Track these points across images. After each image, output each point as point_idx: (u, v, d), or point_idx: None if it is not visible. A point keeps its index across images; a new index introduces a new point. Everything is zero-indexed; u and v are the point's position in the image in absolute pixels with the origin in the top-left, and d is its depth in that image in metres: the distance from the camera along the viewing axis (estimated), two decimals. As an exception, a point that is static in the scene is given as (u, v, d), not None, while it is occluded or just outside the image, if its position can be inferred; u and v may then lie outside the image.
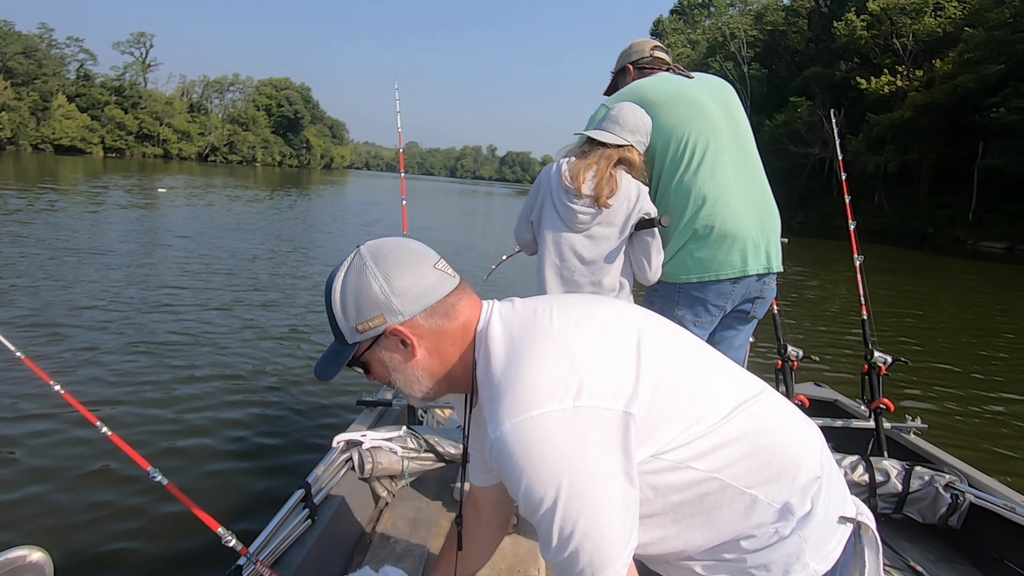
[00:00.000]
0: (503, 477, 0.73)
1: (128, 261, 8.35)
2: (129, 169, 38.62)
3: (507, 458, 0.71)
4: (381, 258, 0.81)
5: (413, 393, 0.87)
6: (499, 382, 0.76)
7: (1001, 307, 10.96)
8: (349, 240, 13.24)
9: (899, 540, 2.06)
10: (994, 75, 28.34)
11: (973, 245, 27.46)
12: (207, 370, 4.41)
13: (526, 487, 0.70)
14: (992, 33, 28.92)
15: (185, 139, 77.10)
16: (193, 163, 70.87)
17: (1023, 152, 27.21)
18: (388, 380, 0.86)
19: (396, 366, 0.84)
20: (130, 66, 78.42)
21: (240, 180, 37.29)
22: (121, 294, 6.43)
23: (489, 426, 0.73)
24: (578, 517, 0.69)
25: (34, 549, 0.73)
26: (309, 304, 6.77)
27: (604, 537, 0.70)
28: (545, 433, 0.70)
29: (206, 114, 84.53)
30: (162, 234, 11.49)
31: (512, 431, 0.71)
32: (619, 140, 1.76)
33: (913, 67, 34.87)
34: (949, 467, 2.17)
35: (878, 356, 2.39)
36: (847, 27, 37.33)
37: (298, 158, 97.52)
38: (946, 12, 33.94)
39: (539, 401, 0.71)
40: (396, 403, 2.52)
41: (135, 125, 70.24)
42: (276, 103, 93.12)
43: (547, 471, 0.70)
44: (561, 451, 0.70)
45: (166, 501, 2.68)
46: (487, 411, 0.75)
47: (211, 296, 6.77)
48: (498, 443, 0.72)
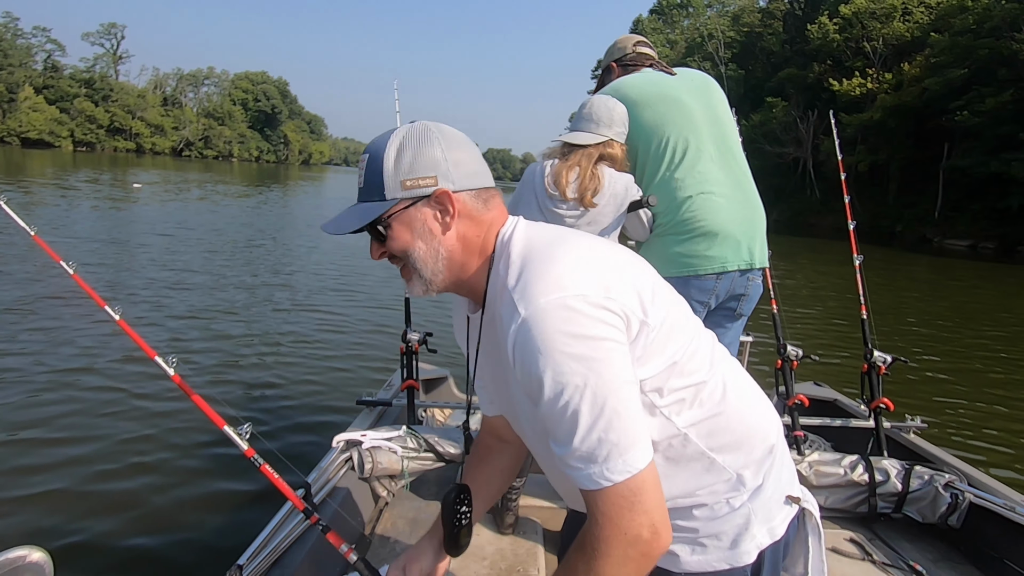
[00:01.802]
0: (524, 362, 0.71)
1: (101, 258, 8.27)
2: (100, 164, 37.64)
3: (538, 336, 0.69)
4: (443, 131, 0.82)
5: (424, 273, 0.82)
6: (531, 267, 0.75)
7: (982, 304, 11.23)
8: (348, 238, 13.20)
9: (899, 539, 2.05)
10: (959, 79, 29.40)
11: (939, 243, 28.42)
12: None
13: (555, 367, 0.69)
14: (957, 39, 29.98)
15: (159, 133, 75.33)
16: (167, 158, 69.25)
17: (986, 154, 28.30)
18: (404, 249, 0.82)
19: (425, 235, 0.81)
20: (100, 58, 76.26)
21: (220, 176, 36.65)
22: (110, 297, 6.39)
23: (520, 305, 0.72)
24: (607, 396, 0.69)
25: (34, 549, 0.71)
26: (308, 303, 6.82)
27: (632, 417, 0.71)
28: (581, 311, 0.70)
29: (180, 108, 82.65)
30: (136, 229, 11.33)
31: (548, 307, 0.70)
32: (596, 138, 1.75)
33: (883, 70, 35.91)
34: (949, 466, 2.16)
35: (878, 355, 2.38)
36: (820, 30, 38.26)
37: (276, 154, 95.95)
38: (914, 17, 35.03)
39: (575, 285, 0.71)
40: (396, 403, 2.51)
41: (106, 118, 68.38)
42: (253, 97, 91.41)
43: (580, 348, 0.69)
44: (595, 332, 0.70)
45: (166, 500, 2.71)
46: (514, 296, 0.73)
47: (209, 295, 6.76)
48: (531, 320, 0.70)
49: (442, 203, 0.80)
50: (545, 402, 0.71)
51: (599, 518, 0.71)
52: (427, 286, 0.84)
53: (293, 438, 3.45)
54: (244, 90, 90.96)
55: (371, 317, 6.38)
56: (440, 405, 2.78)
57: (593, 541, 0.71)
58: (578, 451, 0.70)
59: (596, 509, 0.71)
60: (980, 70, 29.10)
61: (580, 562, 0.72)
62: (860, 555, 1.95)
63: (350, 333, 5.74)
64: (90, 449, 3.13)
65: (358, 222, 0.81)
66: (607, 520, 0.70)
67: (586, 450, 0.70)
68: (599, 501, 0.71)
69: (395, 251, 0.82)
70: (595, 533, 0.71)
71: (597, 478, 0.70)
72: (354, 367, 4.78)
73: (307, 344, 5.28)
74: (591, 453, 0.70)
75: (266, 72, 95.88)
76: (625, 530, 0.69)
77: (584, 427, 0.69)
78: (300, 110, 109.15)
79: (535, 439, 0.87)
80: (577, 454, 0.71)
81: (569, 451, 0.71)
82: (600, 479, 0.70)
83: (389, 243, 0.82)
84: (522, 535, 1.96)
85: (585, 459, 0.70)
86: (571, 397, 0.69)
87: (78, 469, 2.93)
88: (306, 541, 1.58)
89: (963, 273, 16.42)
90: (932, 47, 31.78)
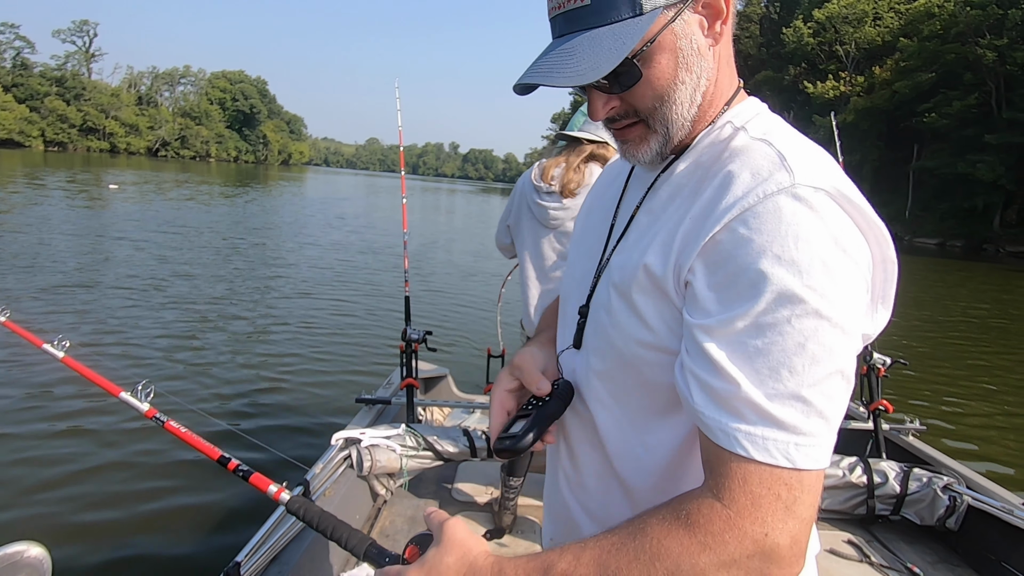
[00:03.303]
0: (759, 237, 0.49)
1: (78, 261, 8.12)
2: (72, 164, 36.78)
3: (805, 222, 0.49)
4: None
5: (673, 125, 0.58)
6: (780, 140, 0.55)
7: (968, 302, 11.50)
8: (346, 240, 13.15)
9: (897, 542, 2.05)
10: (927, 82, 30.44)
11: (909, 241, 29.33)
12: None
13: (808, 272, 0.48)
14: (924, 43, 31.02)
15: (133, 133, 73.79)
16: (142, 158, 67.83)
17: (953, 155, 29.34)
18: (663, 91, 0.57)
19: (691, 60, 0.57)
20: (72, 55, 74.41)
21: (201, 176, 36.08)
22: (96, 301, 6.33)
23: (791, 172, 0.51)
24: (846, 355, 0.49)
25: (32, 544, 0.70)
26: (307, 304, 6.84)
27: (847, 397, 0.51)
28: (858, 242, 0.51)
29: (156, 107, 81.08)
30: (109, 234, 11.18)
31: (829, 201, 0.50)
32: (593, 136, 1.78)
33: (855, 73, 36.92)
34: (947, 469, 2.15)
35: (877, 357, 2.36)
36: (795, 34, 39.20)
37: (255, 154, 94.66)
38: (884, 22, 36.09)
39: (836, 184, 0.52)
40: (395, 401, 2.49)
41: (78, 118, 66.78)
42: (231, 97, 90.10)
43: (848, 274, 0.50)
44: (862, 267, 0.52)
45: (165, 499, 2.74)
46: (779, 149, 0.53)
47: (207, 293, 6.77)
48: (806, 199, 0.50)
49: (716, 5, 0.57)
50: (757, 308, 0.49)
51: (738, 497, 0.48)
52: (664, 146, 0.60)
53: (291, 435, 3.48)
54: (222, 89, 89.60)
55: (370, 315, 6.44)
56: (439, 403, 2.81)
57: (710, 519, 0.49)
58: (770, 402, 0.48)
59: (739, 486, 0.49)
60: (947, 74, 30.20)
61: (673, 534, 0.49)
62: (858, 557, 1.96)
63: (349, 332, 5.78)
64: (90, 449, 3.16)
65: (611, 57, 0.53)
66: (751, 504, 0.48)
67: (785, 407, 0.48)
68: (752, 478, 0.48)
69: (643, 97, 0.57)
70: (719, 511, 0.49)
71: (773, 449, 0.48)
72: (353, 365, 4.83)
73: (307, 344, 5.30)
74: (788, 414, 0.48)
75: (244, 71, 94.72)
76: (766, 528, 0.48)
77: (804, 375, 0.48)
78: (279, 110, 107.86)
79: (611, 358, 0.61)
80: (764, 406, 0.48)
81: (752, 394, 0.48)
82: (777, 453, 0.48)
83: (640, 87, 0.56)
84: (521, 535, 1.94)
85: (770, 418, 0.48)
86: (806, 326, 0.48)
87: (76, 468, 2.95)
88: (304, 539, 1.57)
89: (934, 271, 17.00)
90: (901, 51, 32.86)
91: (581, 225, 0.77)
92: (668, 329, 0.56)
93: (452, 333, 5.88)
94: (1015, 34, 27.42)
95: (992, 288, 14.57)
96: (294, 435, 3.50)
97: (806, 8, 40.14)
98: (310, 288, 7.62)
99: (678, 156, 0.61)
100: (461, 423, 2.90)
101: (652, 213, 0.61)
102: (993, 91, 29.13)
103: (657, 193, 0.62)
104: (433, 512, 0.62)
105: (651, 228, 0.60)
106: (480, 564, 0.55)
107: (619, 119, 0.60)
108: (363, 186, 51.41)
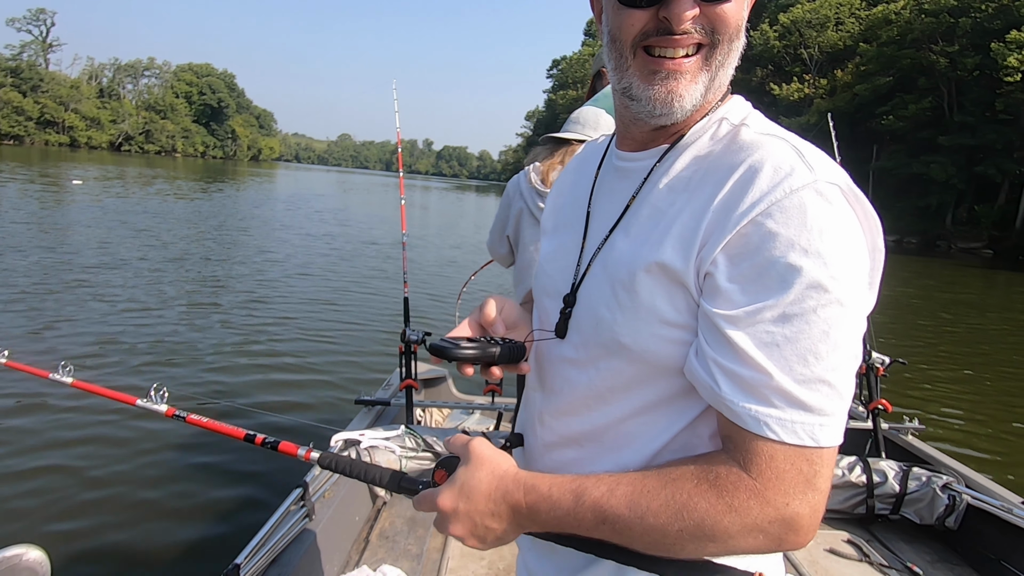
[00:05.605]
0: (784, 229, 0.51)
1: (35, 265, 7.94)
2: (30, 158, 35.45)
3: (825, 215, 0.52)
4: None
5: (722, 70, 0.61)
6: (789, 136, 0.59)
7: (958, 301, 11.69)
8: (341, 236, 13.09)
9: (896, 541, 2.04)
10: (885, 86, 31.73)
11: (868, 238, 30.50)
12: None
13: (832, 265, 0.51)
14: (882, 48, 32.32)
15: (95, 126, 71.33)
16: (105, 152, 65.70)
17: (908, 155, 30.73)
18: (738, 27, 0.59)
19: (742, 27, 0.60)
20: (28, 45, 71.57)
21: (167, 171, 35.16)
22: (88, 303, 6.31)
23: (810, 169, 0.54)
24: (857, 342, 0.53)
25: (31, 547, 0.70)
26: (304, 301, 6.86)
27: (859, 343, 0.54)
28: (852, 213, 0.54)
29: (118, 100, 78.56)
30: (75, 231, 10.88)
31: (839, 194, 0.53)
32: (581, 135, 1.81)
33: (818, 76, 38.19)
34: (947, 468, 2.15)
35: (876, 357, 2.37)
36: (762, 36, 40.30)
37: (223, 149, 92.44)
38: (846, 27, 37.39)
39: (845, 179, 0.55)
40: (394, 402, 2.49)
41: (36, 110, 64.28)
42: (197, 90, 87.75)
43: (859, 263, 0.54)
44: (867, 259, 0.56)
45: (165, 498, 2.78)
46: (795, 147, 0.56)
47: (203, 292, 6.76)
48: (824, 192, 0.52)
49: None
50: (786, 299, 0.51)
51: (765, 471, 0.52)
52: (703, 95, 0.61)
53: (291, 436, 3.60)
54: (188, 83, 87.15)
55: (369, 315, 6.46)
56: (439, 405, 2.80)
57: (736, 487, 0.53)
58: (799, 388, 0.51)
59: (766, 462, 0.52)
60: (903, 78, 31.55)
61: (703, 493, 0.53)
62: (858, 556, 1.96)
63: (349, 332, 5.80)
64: (88, 449, 3.20)
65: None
66: (776, 478, 0.52)
67: (812, 392, 0.52)
68: (778, 455, 0.52)
69: (726, 21, 0.58)
70: (746, 481, 0.52)
71: (801, 431, 0.52)
72: (352, 366, 4.85)
73: (306, 343, 5.31)
74: (814, 398, 0.52)
75: (211, 64, 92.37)
76: (788, 499, 0.52)
77: (828, 359, 0.51)
78: (248, 104, 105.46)
79: (610, 345, 0.62)
80: (794, 392, 0.51)
81: (783, 382, 0.51)
82: (804, 434, 0.52)
83: (732, 5, 0.58)
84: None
85: (798, 403, 0.52)
86: (831, 314, 0.51)
87: (75, 468, 2.98)
88: (304, 540, 1.57)
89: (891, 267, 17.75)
90: (861, 56, 34.16)
91: (552, 222, 0.80)
92: (680, 314, 0.58)
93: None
94: (966, 41, 28.82)
95: (940, 284, 15.24)
96: (294, 436, 3.60)
97: (772, 12, 41.30)
98: (309, 287, 7.59)
99: (671, 147, 0.64)
100: (460, 424, 2.97)
101: (654, 206, 0.62)
102: (945, 95, 30.56)
103: (655, 186, 0.63)
104: (454, 437, 0.65)
105: (658, 222, 0.61)
106: (511, 476, 0.59)
107: (679, 48, 0.58)
108: (336, 184, 50.67)
